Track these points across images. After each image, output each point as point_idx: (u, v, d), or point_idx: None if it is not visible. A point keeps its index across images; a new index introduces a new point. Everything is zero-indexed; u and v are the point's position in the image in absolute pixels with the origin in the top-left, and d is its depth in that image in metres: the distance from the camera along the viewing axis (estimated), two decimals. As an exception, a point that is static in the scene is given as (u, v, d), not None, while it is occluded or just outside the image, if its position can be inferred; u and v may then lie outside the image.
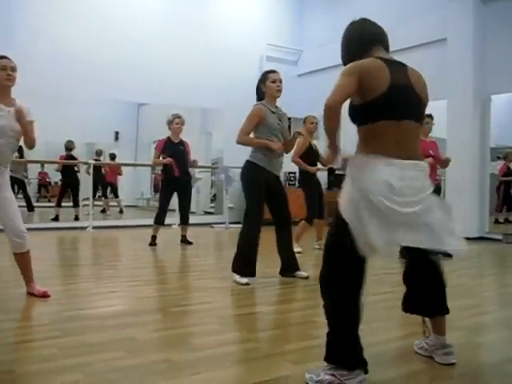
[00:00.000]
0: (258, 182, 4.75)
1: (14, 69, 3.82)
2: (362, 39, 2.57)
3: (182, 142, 7.38)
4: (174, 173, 7.17)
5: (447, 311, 2.74)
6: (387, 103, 2.34)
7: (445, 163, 6.18)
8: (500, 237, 8.48)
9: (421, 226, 2.31)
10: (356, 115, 2.45)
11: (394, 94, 2.34)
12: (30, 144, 3.97)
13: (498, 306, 4.33)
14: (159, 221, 7.27)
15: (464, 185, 8.58)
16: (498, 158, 11.27)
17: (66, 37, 9.34)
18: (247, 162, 4.84)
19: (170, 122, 7.31)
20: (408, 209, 2.26)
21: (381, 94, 2.33)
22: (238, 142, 4.79)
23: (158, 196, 7.81)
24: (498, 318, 3.86)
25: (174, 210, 8.55)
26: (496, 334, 3.46)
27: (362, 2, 10.68)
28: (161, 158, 7.26)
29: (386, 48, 2.59)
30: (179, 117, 7.33)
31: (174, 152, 7.19)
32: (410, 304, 2.77)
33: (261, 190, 4.75)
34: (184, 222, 7.52)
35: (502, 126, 11.80)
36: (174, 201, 7.62)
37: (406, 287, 2.77)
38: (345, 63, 2.58)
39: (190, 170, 7.65)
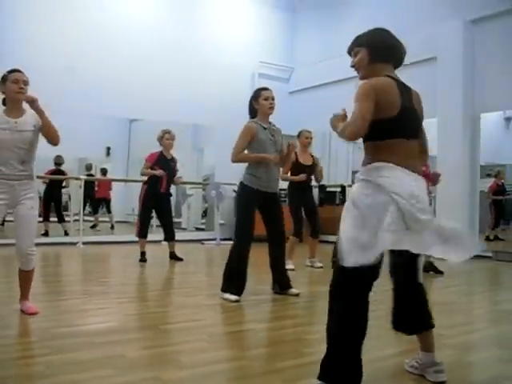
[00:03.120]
0: (249, 203, 4.78)
1: (26, 82, 3.83)
2: (387, 48, 2.62)
3: (173, 159, 7.39)
4: (161, 188, 7.14)
5: (432, 325, 2.74)
6: (398, 125, 2.46)
7: (435, 179, 6.20)
8: (490, 254, 8.50)
9: (427, 233, 2.41)
10: (369, 129, 2.46)
11: (403, 117, 2.46)
12: (54, 139, 3.90)
13: (489, 323, 4.33)
14: (142, 235, 7.23)
15: (454, 202, 8.61)
16: (488, 175, 11.34)
17: (58, 51, 9.36)
18: (240, 183, 4.89)
19: (160, 138, 7.29)
20: (425, 216, 2.39)
21: (393, 116, 2.43)
22: (234, 161, 4.81)
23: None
24: (489, 336, 3.86)
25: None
26: (487, 352, 3.46)
27: (353, 21, 10.80)
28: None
29: (398, 65, 2.66)
30: (169, 132, 7.31)
31: (166, 167, 7.18)
32: (398, 322, 2.77)
33: (250, 212, 4.78)
34: (169, 238, 7.44)
35: (492, 143, 11.91)
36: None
37: (393, 305, 2.78)
38: (374, 57, 2.62)
39: (181, 186, 7.65)
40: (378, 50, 2.60)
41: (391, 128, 2.46)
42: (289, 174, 6.78)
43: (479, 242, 2.40)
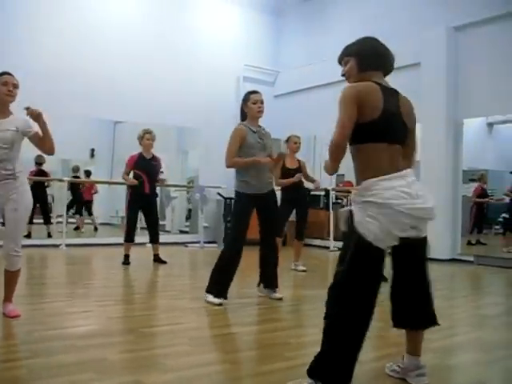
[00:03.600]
0: (244, 209, 4.78)
1: (16, 86, 3.87)
2: (376, 57, 2.67)
3: (154, 158, 7.34)
4: (144, 189, 7.13)
5: (437, 323, 2.76)
6: (379, 128, 2.50)
7: None
8: (472, 258, 8.58)
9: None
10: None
11: (384, 120, 2.49)
12: (50, 150, 4.04)
13: (470, 327, 4.37)
14: (129, 239, 7.18)
15: (437, 206, 8.66)
16: (471, 180, 11.43)
17: (43, 51, 9.31)
18: (235, 192, 4.90)
19: (140, 138, 7.24)
20: (428, 204, 2.56)
21: (374, 119, 2.47)
22: (228, 166, 4.80)
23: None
24: (470, 340, 3.91)
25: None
26: (468, 355, 3.49)
27: (339, 26, 10.87)
28: (131, 175, 7.21)
29: (388, 72, 2.72)
30: (149, 132, 7.27)
31: (145, 168, 7.16)
32: (400, 318, 2.76)
33: (245, 218, 4.77)
34: (154, 240, 7.42)
35: (475, 149, 12.02)
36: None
37: (393, 302, 2.77)
38: (363, 66, 2.67)
39: (166, 188, 7.64)
40: (367, 60, 2.65)
41: (372, 131, 2.50)
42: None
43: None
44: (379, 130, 2.50)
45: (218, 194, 10.70)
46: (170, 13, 11.09)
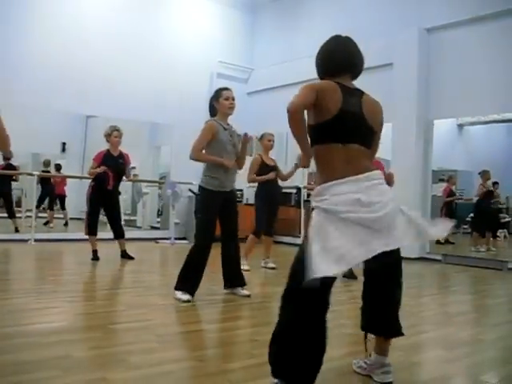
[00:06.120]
0: (210, 206, 4.78)
1: None
2: (333, 63, 2.64)
3: (121, 155, 7.25)
4: (108, 185, 7.03)
5: (402, 333, 2.79)
6: (334, 128, 2.45)
7: (389, 179, 6.30)
8: (440, 257, 8.70)
9: (390, 228, 2.38)
10: (309, 134, 2.51)
11: (340, 120, 2.43)
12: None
13: (435, 325, 4.43)
14: (91, 232, 7.11)
15: (406, 205, 8.75)
16: (440, 180, 11.58)
17: (13, 41, 9.17)
18: (200, 187, 4.87)
19: (108, 135, 7.15)
20: (379, 213, 2.34)
21: (330, 118, 2.42)
22: (192, 158, 4.78)
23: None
24: (434, 338, 3.96)
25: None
26: (431, 353, 3.55)
27: (313, 25, 10.90)
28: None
29: (356, 75, 2.67)
30: (117, 129, 7.19)
31: (112, 165, 7.05)
32: (368, 323, 2.80)
33: (212, 214, 4.78)
34: (119, 235, 7.33)
35: (444, 149, 12.18)
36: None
37: (364, 304, 2.81)
38: (321, 74, 2.68)
39: (137, 184, 7.57)
40: (321, 67, 2.67)
41: (327, 131, 2.46)
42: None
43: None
44: (334, 129, 2.45)
45: (190, 190, 10.64)
46: (144, 8, 11.00)
